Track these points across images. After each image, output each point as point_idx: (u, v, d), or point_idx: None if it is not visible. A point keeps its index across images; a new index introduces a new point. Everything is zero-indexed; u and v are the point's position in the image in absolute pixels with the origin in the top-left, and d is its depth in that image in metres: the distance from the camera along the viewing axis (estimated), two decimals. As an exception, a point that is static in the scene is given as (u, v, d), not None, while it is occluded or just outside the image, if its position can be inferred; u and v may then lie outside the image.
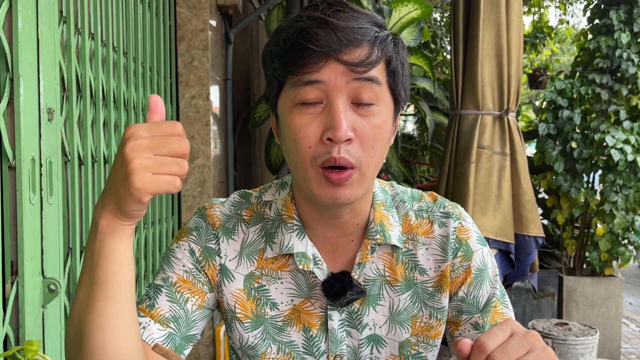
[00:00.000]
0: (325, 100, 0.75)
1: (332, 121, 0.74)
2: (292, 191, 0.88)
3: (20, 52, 1.06)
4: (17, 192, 1.07)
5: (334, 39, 0.73)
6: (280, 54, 0.76)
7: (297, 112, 0.76)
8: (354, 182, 0.76)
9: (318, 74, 0.74)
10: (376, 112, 0.76)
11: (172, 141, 0.65)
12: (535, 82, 5.77)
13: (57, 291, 1.16)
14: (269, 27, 2.90)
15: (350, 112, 0.75)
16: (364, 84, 0.75)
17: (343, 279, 0.83)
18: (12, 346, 1.05)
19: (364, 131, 0.75)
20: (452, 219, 0.89)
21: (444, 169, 3.09)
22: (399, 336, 0.88)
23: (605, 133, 3.57)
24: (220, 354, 2.48)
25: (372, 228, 0.86)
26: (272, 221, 0.88)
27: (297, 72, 0.75)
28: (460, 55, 3.01)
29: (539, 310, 3.78)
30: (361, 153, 0.76)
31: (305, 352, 0.87)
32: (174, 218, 2.42)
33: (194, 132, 2.46)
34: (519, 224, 2.98)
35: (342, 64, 0.74)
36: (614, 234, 3.72)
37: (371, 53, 0.75)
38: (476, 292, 0.89)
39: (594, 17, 3.82)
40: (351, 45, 0.74)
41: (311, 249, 0.85)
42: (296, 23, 0.76)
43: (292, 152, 0.78)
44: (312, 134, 0.75)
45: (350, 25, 0.74)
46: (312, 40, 0.73)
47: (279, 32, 0.78)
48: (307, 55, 0.74)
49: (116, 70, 1.74)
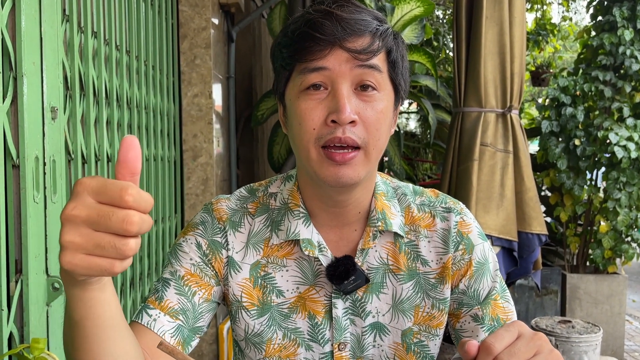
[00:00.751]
0: (329, 87, 0.80)
1: (336, 104, 0.78)
2: (297, 182, 0.91)
3: (23, 50, 1.07)
4: (21, 190, 1.07)
5: (339, 29, 0.78)
6: (289, 43, 0.81)
7: (303, 97, 0.80)
8: (358, 162, 0.80)
9: (323, 61, 0.79)
10: (378, 98, 0.81)
11: (115, 216, 0.52)
12: (538, 79, 5.75)
13: (61, 290, 1.16)
14: (271, 25, 2.90)
15: (354, 97, 0.80)
16: (366, 71, 0.79)
17: (346, 262, 0.85)
18: (17, 344, 1.05)
19: (367, 114, 0.80)
20: (453, 213, 0.92)
21: (446, 167, 3.09)
22: (402, 324, 0.90)
23: (608, 130, 3.56)
24: (223, 352, 2.49)
25: (373, 216, 0.89)
26: (278, 210, 0.90)
27: (304, 60, 0.79)
28: (462, 52, 3.00)
29: (542, 307, 3.78)
30: (366, 134, 0.79)
31: (311, 339, 0.89)
32: (177, 216, 2.42)
33: (197, 131, 2.47)
34: (522, 221, 2.98)
35: (346, 51, 0.78)
36: (617, 232, 3.71)
37: (373, 42, 0.80)
38: (477, 285, 0.91)
39: (597, 14, 3.81)
40: (354, 34, 0.79)
41: (316, 237, 0.88)
42: (303, 16, 0.82)
43: (296, 135, 0.81)
44: (317, 117, 0.79)
45: (353, 17, 0.80)
46: (319, 29, 0.78)
47: (288, 25, 0.83)
48: (313, 44, 0.78)
49: (119, 68, 1.75)
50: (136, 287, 1.87)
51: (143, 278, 1.96)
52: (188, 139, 2.46)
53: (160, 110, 2.21)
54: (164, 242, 2.23)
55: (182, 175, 2.46)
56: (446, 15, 6.31)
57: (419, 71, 3.76)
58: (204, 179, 2.47)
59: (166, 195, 2.25)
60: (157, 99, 2.16)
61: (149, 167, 2.05)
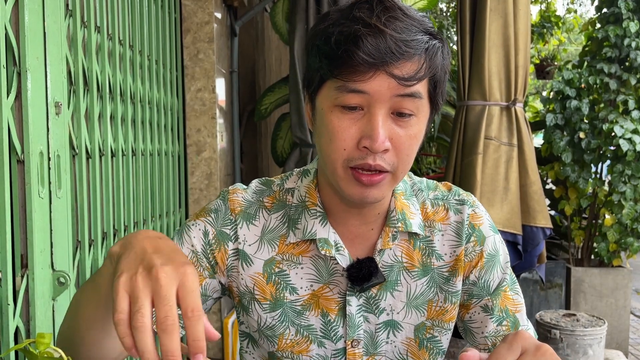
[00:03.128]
0: (366, 108, 0.75)
1: (371, 131, 0.74)
2: (315, 179, 0.89)
3: (27, 46, 1.06)
4: (26, 185, 1.08)
5: (388, 53, 0.72)
6: (330, 54, 0.75)
7: (337, 114, 0.76)
8: (385, 184, 0.78)
9: (364, 85, 0.73)
10: (414, 123, 0.77)
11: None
12: (543, 72, 5.72)
13: (67, 284, 1.16)
14: (274, 19, 2.89)
15: (390, 122, 0.76)
16: (406, 99, 0.75)
17: (370, 265, 0.85)
18: (23, 339, 1.06)
19: (401, 141, 0.76)
20: (466, 205, 0.92)
21: (450, 161, 3.08)
22: (415, 320, 0.90)
23: (613, 123, 3.54)
24: (228, 345, 2.50)
25: (393, 216, 0.87)
26: (295, 207, 0.89)
27: (344, 78, 0.74)
28: (467, 45, 2.98)
29: (547, 301, 3.78)
30: (396, 160, 0.77)
31: (323, 337, 0.89)
32: (181, 211, 2.43)
33: (200, 125, 2.47)
34: (527, 215, 2.97)
35: (391, 77, 0.73)
36: (622, 225, 3.70)
37: (420, 68, 0.74)
38: (487, 277, 0.91)
39: (602, 5, 3.78)
40: (402, 58, 0.73)
41: (333, 236, 0.87)
42: (349, 24, 0.74)
43: (325, 149, 0.79)
44: (349, 138, 0.75)
45: (404, 37, 0.73)
46: (365, 50, 0.72)
47: (330, 26, 0.76)
48: (357, 64, 0.72)
49: (122, 63, 1.74)
50: (141, 281, 1.88)
51: (148, 272, 1.97)
52: (192, 134, 2.46)
53: (164, 105, 2.21)
54: (168, 236, 2.24)
55: (186, 169, 2.46)
56: (450, 8, 6.28)
57: (423, 64, 3.74)
58: (208, 174, 2.47)
59: (170, 189, 2.26)
60: (160, 93, 2.16)
61: (153, 162, 2.05)
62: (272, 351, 0.91)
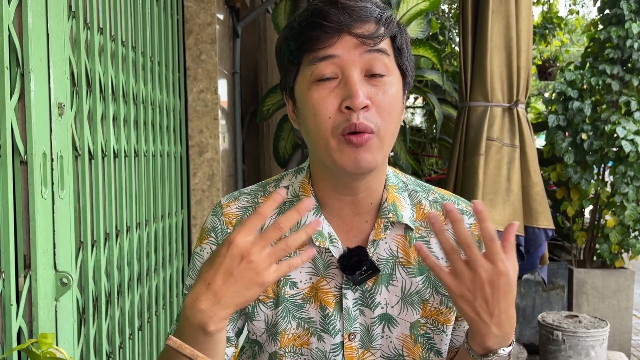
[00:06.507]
0: (340, 75, 0.81)
1: (349, 91, 0.79)
2: (308, 174, 0.92)
3: (30, 47, 1.07)
4: (29, 186, 1.08)
5: (345, 16, 0.80)
6: (296, 35, 0.83)
7: (315, 88, 0.81)
8: (373, 145, 0.81)
9: (333, 49, 0.80)
10: (388, 83, 0.82)
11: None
12: (545, 73, 5.72)
13: (69, 284, 1.17)
14: (277, 20, 2.89)
15: (365, 83, 0.81)
16: (375, 56, 0.81)
17: (359, 253, 0.87)
18: (26, 339, 1.06)
19: (379, 99, 0.81)
20: (466, 215, 0.94)
21: (452, 162, 3.08)
22: (410, 317, 0.91)
23: (615, 124, 3.54)
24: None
25: (385, 207, 0.90)
26: (290, 202, 0.92)
27: (313, 49, 0.81)
28: (469, 46, 2.98)
29: (549, 302, 3.77)
30: (378, 119, 0.80)
31: (322, 330, 0.91)
32: (184, 212, 2.43)
33: (203, 126, 2.47)
34: (529, 216, 2.97)
35: (354, 37, 0.80)
36: (624, 226, 3.69)
37: (378, 28, 0.82)
38: None
39: (604, 7, 3.78)
40: (360, 21, 0.81)
41: (327, 228, 0.89)
42: (308, 8, 0.83)
43: (312, 126, 0.82)
44: (331, 106, 0.80)
45: (357, 4, 0.82)
46: (325, 17, 0.80)
47: (292, 20, 0.85)
48: (321, 32, 0.80)
49: (125, 64, 1.75)
50: (143, 282, 1.88)
51: (150, 273, 1.96)
52: (194, 135, 2.46)
53: (166, 106, 2.21)
54: (171, 237, 2.24)
55: (189, 171, 2.47)
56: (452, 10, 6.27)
57: (425, 66, 3.74)
58: (210, 175, 2.47)
59: (172, 191, 2.26)
60: (163, 94, 2.16)
61: (155, 163, 2.05)
62: (274, 350, 0.92)
